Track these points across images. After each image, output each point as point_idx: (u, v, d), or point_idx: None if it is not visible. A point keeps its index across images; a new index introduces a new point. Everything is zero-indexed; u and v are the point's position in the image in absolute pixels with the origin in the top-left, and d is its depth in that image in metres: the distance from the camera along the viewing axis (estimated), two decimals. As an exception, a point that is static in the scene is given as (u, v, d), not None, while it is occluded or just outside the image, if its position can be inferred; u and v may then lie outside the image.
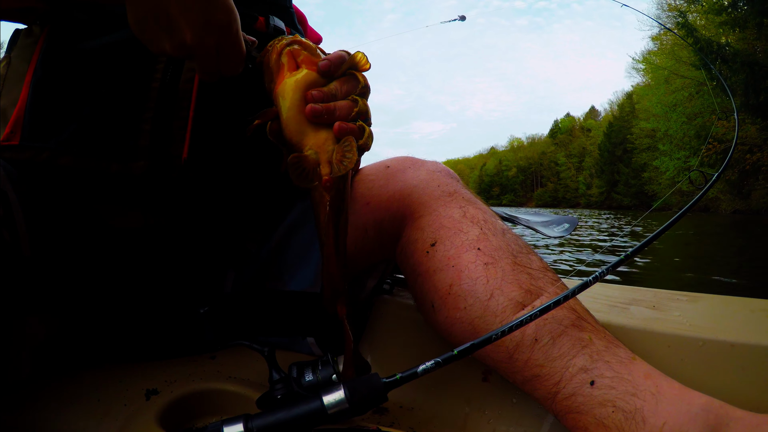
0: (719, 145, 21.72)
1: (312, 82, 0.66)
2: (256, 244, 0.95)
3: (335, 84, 0.67)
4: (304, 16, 1.13)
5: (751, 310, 0.80)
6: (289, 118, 0.65)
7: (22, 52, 0.82)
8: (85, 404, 0.71)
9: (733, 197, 26.76)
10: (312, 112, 0.63)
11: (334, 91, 0.66)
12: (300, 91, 0.65)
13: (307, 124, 0.64)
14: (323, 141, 0.64)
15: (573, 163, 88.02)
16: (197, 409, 0.75)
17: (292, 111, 0.65)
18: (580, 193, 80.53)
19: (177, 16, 0.63)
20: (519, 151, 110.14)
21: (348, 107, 0.66)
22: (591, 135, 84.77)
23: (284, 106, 0.65)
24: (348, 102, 0.66)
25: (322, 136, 0.64)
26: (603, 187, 67.81)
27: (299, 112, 0.64)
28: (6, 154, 0.76)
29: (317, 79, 0.66)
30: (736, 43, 20.81)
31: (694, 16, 23.73)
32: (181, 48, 0.65)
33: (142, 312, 0.87)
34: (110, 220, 0.82)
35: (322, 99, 0.65)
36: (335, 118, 0.65)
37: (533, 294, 0.70)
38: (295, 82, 0.65)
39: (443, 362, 0.59)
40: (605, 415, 0.60)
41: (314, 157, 0.64)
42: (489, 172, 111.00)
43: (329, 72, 0.66)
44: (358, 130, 0.66)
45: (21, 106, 0.77)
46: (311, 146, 0.64)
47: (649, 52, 39.47)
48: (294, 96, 0.65)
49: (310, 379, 0.64)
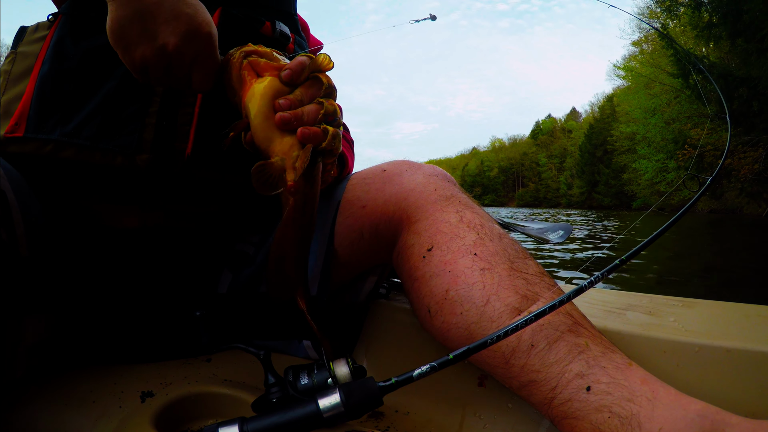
0: (693, 150, 22.76)
1: (277, 90, 0.67)
2: (254, 247, 0.95)
3: (300, 90, 0.68)
4: (307, 24, 1.13)
5: (746, 315, 0.80)
6: (256, 127, 0.66)
7: (29, 47, 0.83)
8: (80, 406, 0.71)
9: (709, 198, 27.82)
10: (281, 121, 0.65)
11: (300, 97, 0.67)
12: (265, 99, 0.66)
13: (274, 131, 0.66)
14: (289, 147, 0.66)
15: (554, 164, 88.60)
16: (192, 411, 0.75)
17: (258, 119, 0.66)
18: (561, 193, 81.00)
19: (164, 21, 0.65)
20: (500, 151, 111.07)
21: (315, 111, 0.67)
22: (572, 136, 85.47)
23: (251, 115, 0.66)
24: (314, 106, 0.67)
25: (288, 142, 0.66)
26: (584, 187, 68.33)
27: (265, 119, 0.66)
28: (10, 147, 0.77)
29: (281, 86, 0.67)
30: (710, 55, 21.50)
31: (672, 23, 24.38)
32: (160, 55, 0.66)
33: (138, 313, 0.86)
34: (108, 221, 0.82)
35: (289, 107, 0.66)
36: (303, 123, 0.66)
37: (529, 299, 0.70)
38: (259, 92, 0.66)
39: (439, 367, 0.59)
40: (601, 421, 0.60)
41: (281, 164, 0.66)
42: (471, 172, 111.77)
43: (292, 81, 0.67)
44: (322, 132, 0.66)
45: (27, 99, 0.78)
46: (278, 153, 0.66)
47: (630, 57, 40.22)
48: (260, 104, 0.66)
49: (306, 383, 0.64)
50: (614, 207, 53.32)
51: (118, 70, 0.79)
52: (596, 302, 0.90)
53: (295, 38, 0.94)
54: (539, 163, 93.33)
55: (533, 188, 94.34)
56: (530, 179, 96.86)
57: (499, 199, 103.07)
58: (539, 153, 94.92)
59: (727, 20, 17.44)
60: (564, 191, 79.38)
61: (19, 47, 0.85)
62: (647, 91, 33.86)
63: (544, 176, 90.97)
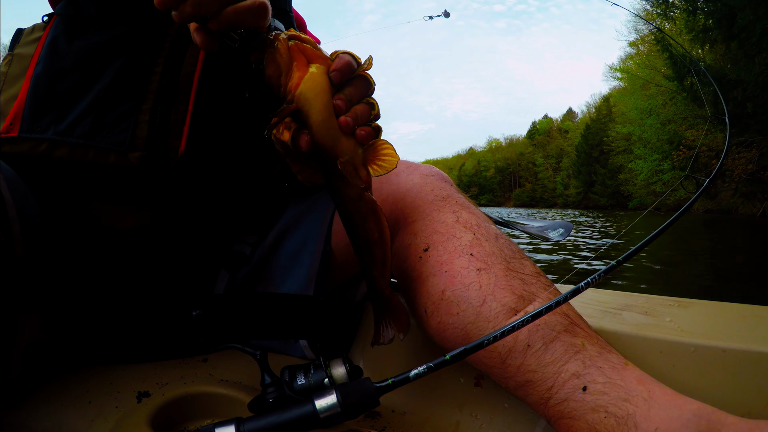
0: (688, 151, 23.55)
1: (330, 85, 0.64)
2: (251, 247, 0.94)
3: (350, 90, 0.65)
4: (304, 21, 1.13)
5: (742, 315, 0.81)
6: (320, 124, 0.63)
7: (25, 49, 0.83)
8: (77, 406, 0.71)
9: (704, 198, 28.18)
10: (346, 125, 0.63)
11: (350, 97, 0.65)
12: (326, 95, 0.63)
13: (337, 131, 0.64)
14: (354, 146, 0.65)
15: (551, 164, 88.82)
16: (189, 412, 0.75)
17: (321, 116, 0.63)
18: (558, 194, 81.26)
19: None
20: (497, 151, 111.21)
21: (367, 112, 0.66)
22: (568, 136, 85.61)
23: (313, 111, 0.63)
24: (366, 106, 0.66)
25: (352, 141, 0.65)
26: (580, 187, 68.62)
27: (330, 117, 0.63)
28: (5, 147, 0.76)
29: (329, 81, 0.65)
30: (706, 57, 21.83)
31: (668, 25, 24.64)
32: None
33: (135, 313, 0.86)
34: (104, 221, 0.82)
35: (346, 108, 0.64)
36: (359, 124, 0.64)
37: (526, 299, 0.70)
38: (318, 89, 0.63)
39: (435, 367, 0.59)
40: (597, 421, 0.60)
41: (352, 163, 0.64)
42: (467, 172, 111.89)
43: (340, 83, 0.64)
44: (374, 132, 0.66)
45: (21, 98, 0.78)
46: (346, 152, 0.64)
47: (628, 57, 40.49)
48: (322, 99, 0.63)
49: (303, 383, 0.64)
50: (610, 207, 53.61)
51: (112, 68, 0.79)
52: (592, 302, 0.90)
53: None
54: (536, 163, 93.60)
55: (530, 188, 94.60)
56: (527, 179, 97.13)
57: (495, 199, 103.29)
58: (536, 153, 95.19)
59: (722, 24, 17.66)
60: (560, 191, 79.62)
61: (15, 49, 0.85)
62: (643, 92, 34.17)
63: (540, 176, 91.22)
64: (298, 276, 0.89)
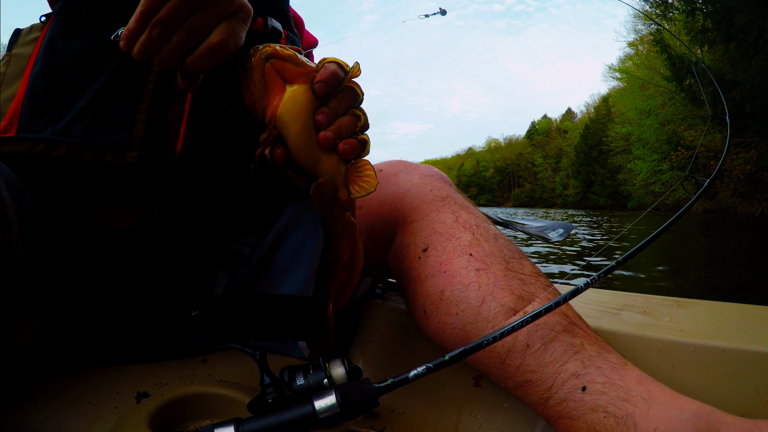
0: (687, 151, 23.85)
1: (311, 102, 0.62)
2: (250, 248, 0.94)
3: (335, 102, 0.63)
4: (301, 20, 1.13)
5: (741, 315, 0.81)
6: (299, 146, 0.62)
7: (23, 49, 0.83)
8: (76, 406, 0.71)
9: (703, 198, 28.44)
10: (326, 141, 0.61)
11: (334, 110, 0.63)
12: (304, 114, 0.61)
13: (318, 149, 0.62)
14: (336, 164, 0.63)
15: (550, 164, 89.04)
16: (188, 412, 0.75)
17: (301, 138, 0.61)
18: (557, 194, 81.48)
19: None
20: (496, 151, 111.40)
21: (352, 124, 0.64)
22: (567, 136, 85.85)
23: (291, 133, 0.61)
24: (350, 118, 0.64)
25: (333, 159, 0.63)
26: (579, 187, 68.80)
27: (309, 137, 0.62)
28: (2, 147, 0.76)
29: (312, 95, 0.62)
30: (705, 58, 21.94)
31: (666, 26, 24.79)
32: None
33: (134, 314, 0.86)
34: (103, 221, 0.82)
35: (328, 122, 0.62)
36: (343, 137, 0.63)
37: (525, 300, 0.70)
38: (298, 108, 0.61)
39: (435, 368, 0.59)
40: (597, 421, 0.60)
41: (331, 182, 0.63)
42: (467, 172, 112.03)
43: (326, 95, 0.63)
44: (360, 145, 0.64)
45: (19, 98, 0.78)
46: (326, 171, 0.63)
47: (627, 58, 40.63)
48: (299, 120, 0.61)
49: (302, 384, 0.64)
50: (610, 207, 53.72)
51: (110, 68, 0.78)
52: (591, 302, 0.90)
53: (287, 35, 0.94)
54: (535, 164, 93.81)
55: (529, 188, 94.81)
56: (526, 179, 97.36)
57: (494, 200, 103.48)
58: (535, 153, 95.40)
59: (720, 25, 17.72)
60: (560, 191, 79.77)
61: (13, 49, 0.85)
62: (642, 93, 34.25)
63: (539, 176, 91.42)
64: (297, 277, 0.89)
